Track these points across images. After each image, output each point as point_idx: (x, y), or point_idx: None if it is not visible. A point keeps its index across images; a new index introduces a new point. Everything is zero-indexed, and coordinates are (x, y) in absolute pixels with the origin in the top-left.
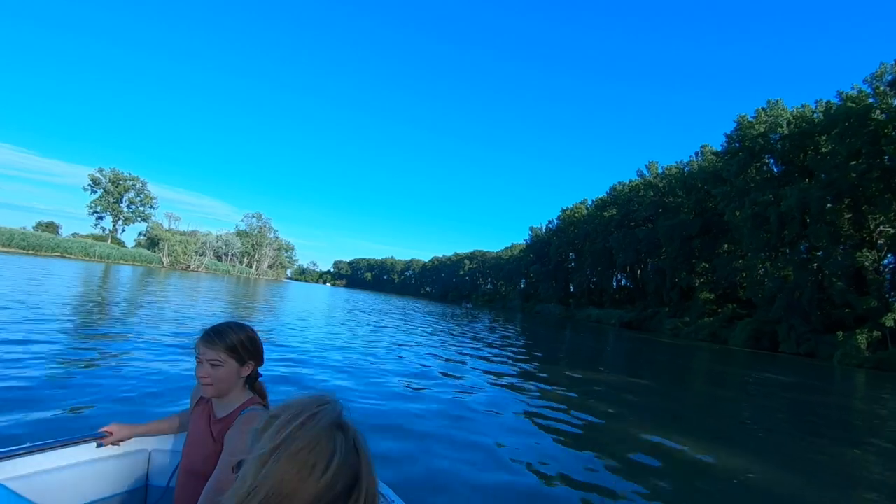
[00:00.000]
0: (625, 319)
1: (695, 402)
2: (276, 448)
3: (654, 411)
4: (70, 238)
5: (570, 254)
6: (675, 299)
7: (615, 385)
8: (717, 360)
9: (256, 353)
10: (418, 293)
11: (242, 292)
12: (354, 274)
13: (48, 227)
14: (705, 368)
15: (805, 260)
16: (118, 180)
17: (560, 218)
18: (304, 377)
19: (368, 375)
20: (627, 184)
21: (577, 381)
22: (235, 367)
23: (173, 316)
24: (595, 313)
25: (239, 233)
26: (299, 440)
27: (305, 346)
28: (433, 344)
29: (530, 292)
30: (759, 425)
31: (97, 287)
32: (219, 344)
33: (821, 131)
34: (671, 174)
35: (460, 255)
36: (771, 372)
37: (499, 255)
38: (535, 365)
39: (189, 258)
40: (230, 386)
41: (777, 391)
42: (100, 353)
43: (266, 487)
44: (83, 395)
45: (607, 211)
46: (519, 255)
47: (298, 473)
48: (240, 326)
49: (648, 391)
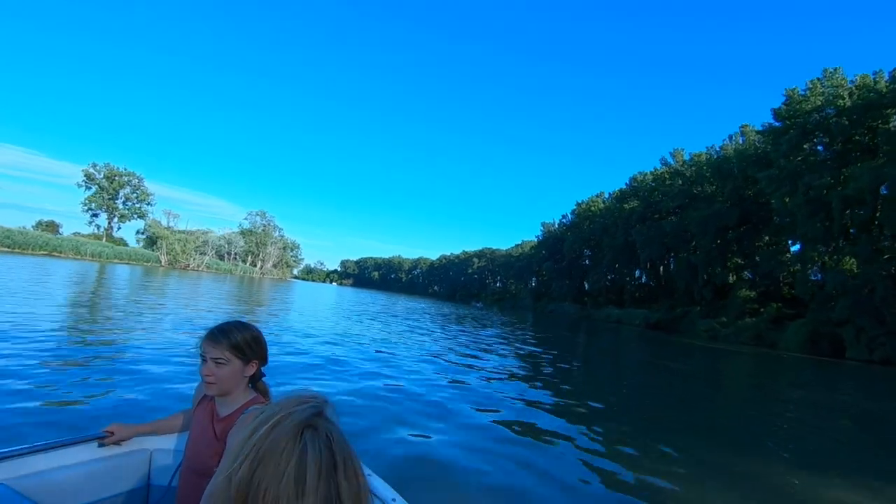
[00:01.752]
0: (651, 320)
1: (776, 427)
2: (245, 457)
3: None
4: (58, 236)
5: (585, 250)
6: (709, 297)
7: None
8: (771, 369)
9: (261, 353)
10: (426, 292)
11: (235, 294)
12: (361, 273)
13: (48, 227)
14: (765, 378)
15: (876, 251)
16: (113, 176)
17: (574, 212)
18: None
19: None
20: (650, 173)
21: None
22: (240, 365)
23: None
24: (615, 313)
25: (243, 231)
26: (265, 446)
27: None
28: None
29: (542, 291)
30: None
31: (74, 289)
32: (223, 342)
33: (891, 103)
34: (700, 161)
35: (469, 253)
36: (842, 384)
37: (509, 253)
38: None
39: (188, 257)
40: (234, 385)
41: (858, 409)
42: (96, 354)
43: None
44: (81, 395)
45: (628, 203)
46: (530, 253)
47: (267, 478)
48: (244, 326)
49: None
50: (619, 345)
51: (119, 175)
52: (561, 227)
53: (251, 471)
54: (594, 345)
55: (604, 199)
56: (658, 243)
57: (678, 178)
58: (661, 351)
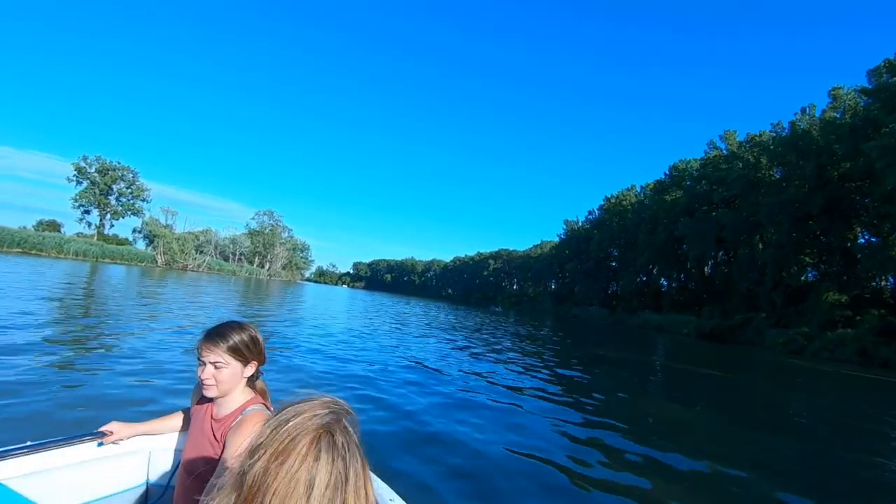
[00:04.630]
0: (705, 329)
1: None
2: (262, 453)
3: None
4: (36, 232)
5: (613, 250)
6: (780, 302)
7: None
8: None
9: (259, 353)
10: (439, 295)
11: (217, 299)
12: (374, 275)
13: (49, 226)
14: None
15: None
16: (105, 170)
17: (602, 208)
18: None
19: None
20: (698, 160)
21: None
22: (239, 367)
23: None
24: (654, 319)
25: (251, 232)
26: (281, 447)
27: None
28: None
29: (564, 293)
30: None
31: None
32: (221, 345)
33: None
34: (764, 141)
35: (484, 254)
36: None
37: (527, 254)
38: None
39: (186, 257)
40: (233, 386)
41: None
42: (92, 356)
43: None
44: (79, 396)
45: (669, 194)
46: (550, 253)
47: (279, 478)
48: (241, 326)
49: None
50: (690, 361)
51: (112, 169)
52: (588, 223)
53: (265, 468)
54: (675, 368)
55: (636, 192)
56: (711, 238)
57: (738, 162)
58: (750, 375)
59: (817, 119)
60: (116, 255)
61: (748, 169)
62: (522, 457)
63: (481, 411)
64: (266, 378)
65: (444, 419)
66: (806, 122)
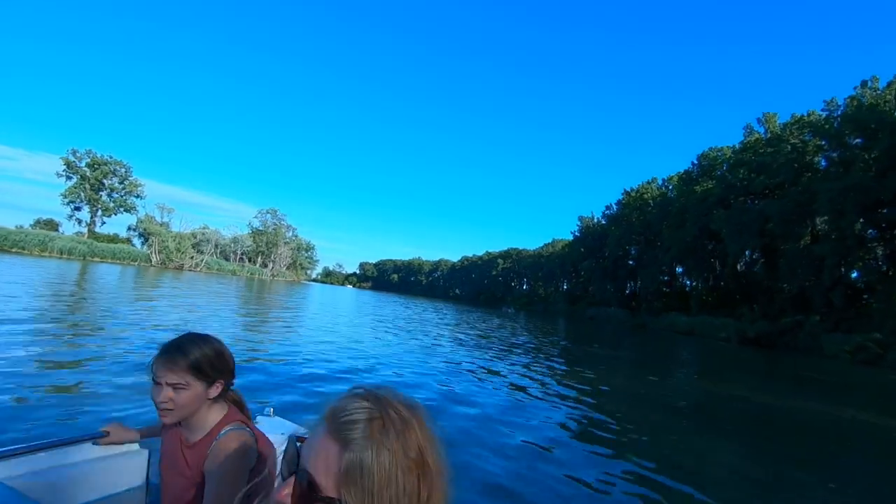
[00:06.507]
0: (749, 333)
1: None
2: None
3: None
4: (18, 228)
5: (632, 247)
6: (839, 303)
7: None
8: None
9: (225, 370)
10: (447, 295)
11: (198, 302)
12: (380, 276)
13: (46, 226)
14: None
15: None
16: (96, 164)
17: (621, 203)
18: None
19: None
20: (731, 147)
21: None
22: (201, 388)
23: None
24: (683, 321)
25: (254, 231)
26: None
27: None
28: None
29: (578, 293)
30: None
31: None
32: (181, 363)
33: None
34: (814, 121)
35: (493, 253)
36: None
37: (538, 253)
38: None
39: (183, 255)
40: (194, 411)
41: None
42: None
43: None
44: (77, 400)
45: (699, 185)
46: (563, 252)
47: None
48: (203, 339)
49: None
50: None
51: (103, 163)
52: (605, 218)
53: (417, 444)
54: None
55: (656, 185)
56: (754, 231)
57: (784, 145)
58: (837, 395)
59: (881, 92)
60: (107, 254)
61: (796, 153)
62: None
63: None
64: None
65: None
66: (869, 97)
